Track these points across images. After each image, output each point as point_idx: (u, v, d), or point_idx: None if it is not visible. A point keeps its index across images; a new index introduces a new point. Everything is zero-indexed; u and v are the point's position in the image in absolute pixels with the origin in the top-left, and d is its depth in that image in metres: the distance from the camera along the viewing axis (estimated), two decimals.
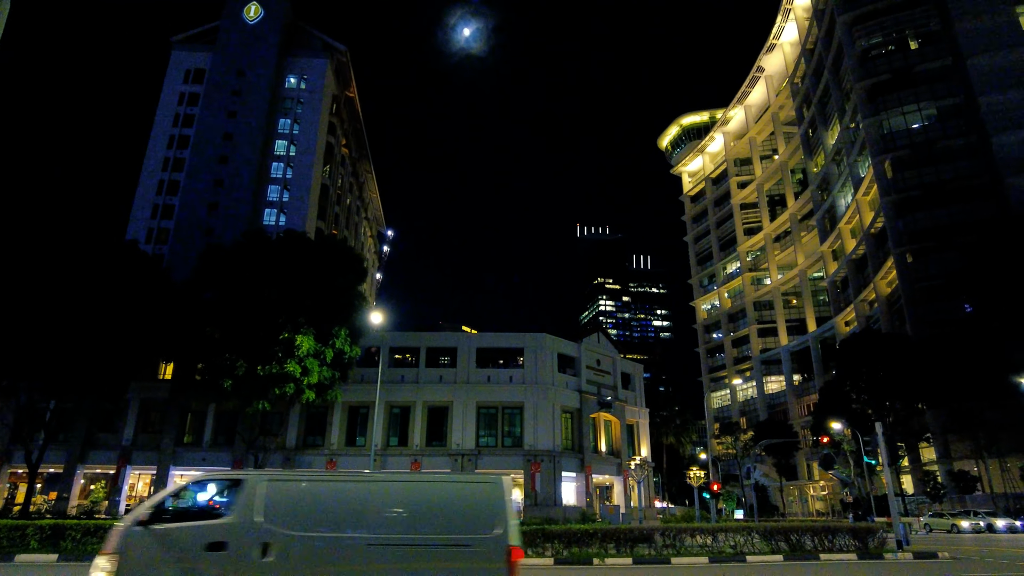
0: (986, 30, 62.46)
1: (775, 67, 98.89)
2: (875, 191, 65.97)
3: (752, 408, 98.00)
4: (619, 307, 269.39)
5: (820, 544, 19.42)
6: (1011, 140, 57.95)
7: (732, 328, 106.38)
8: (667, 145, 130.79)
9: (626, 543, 19.12)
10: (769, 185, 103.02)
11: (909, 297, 60.54)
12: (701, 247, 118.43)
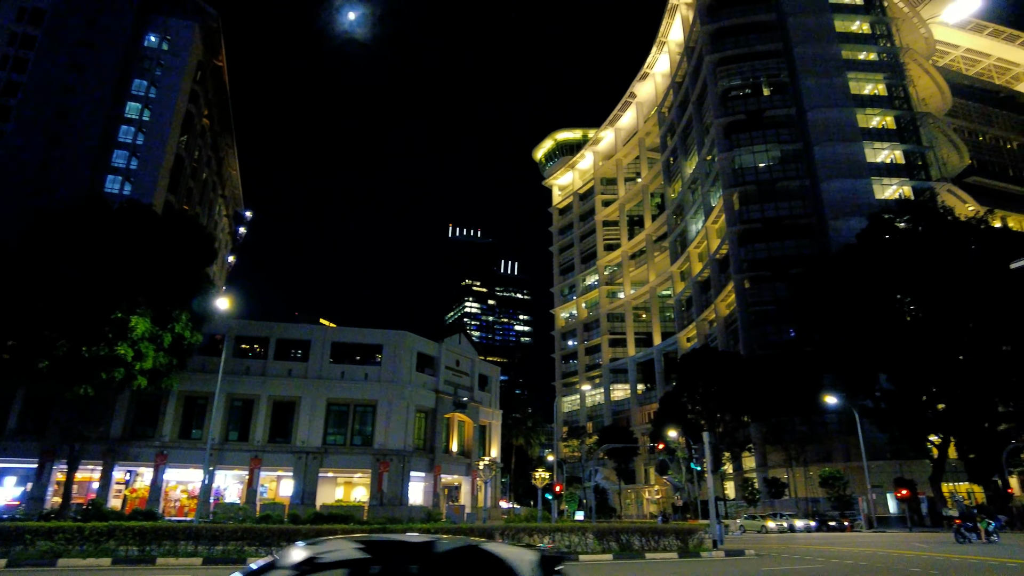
0: (823, 89, 70.40)
1: (646, 95, 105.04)
2: (723, 221, 71.96)
3: (599, 414, 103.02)
4: (484, 310, 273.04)
5: (647, 544, 20.72)
6: (836, 187, 65.66)
7: (586, 337, 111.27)
8: (541, 157, 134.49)
9: None
10: (630, 206, 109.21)
11: (744, 319, 66.56)
12: (565, 258, 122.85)
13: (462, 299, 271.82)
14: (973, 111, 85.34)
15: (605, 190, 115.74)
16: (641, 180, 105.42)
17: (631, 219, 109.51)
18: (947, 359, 44.65)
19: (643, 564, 18.92)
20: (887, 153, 69.17)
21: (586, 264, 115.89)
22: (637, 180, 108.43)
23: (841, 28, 74.53)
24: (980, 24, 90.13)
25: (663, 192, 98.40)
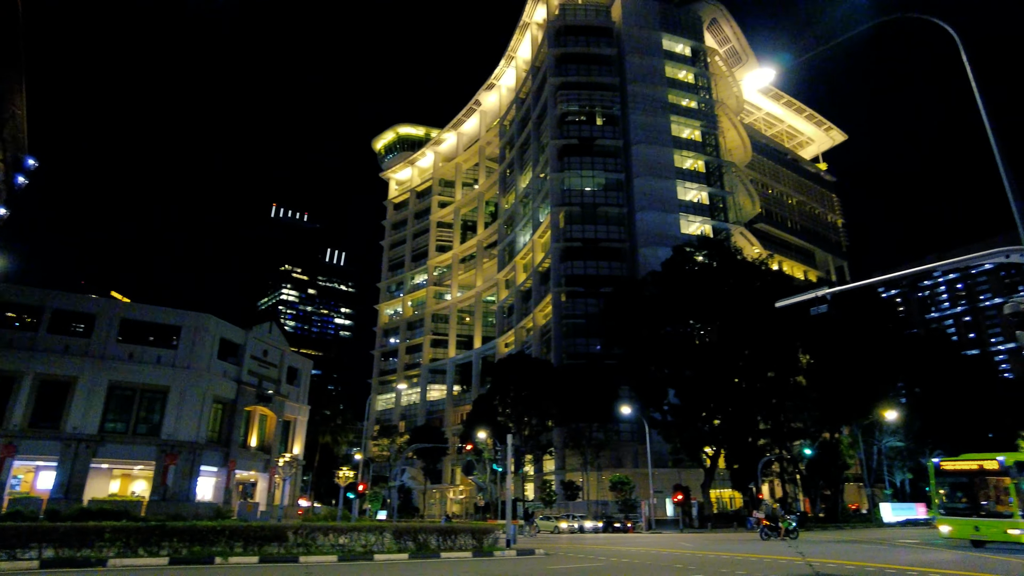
0: (649, 127, 76.86)
1: (491, 105, 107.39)
2: (548, 236, 75.52)
3: (413, 413, 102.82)
4: (303, 299, 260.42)
5: (443, 543, 21.00)
6: (649, 218, 71.87)
7: (409, 335, 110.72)
8: (381, 148, 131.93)
9: (255, 541, 18.17)
10: (465, 210, 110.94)
11: (558, 330, 70.28)
12: (396, 254, 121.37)
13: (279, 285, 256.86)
14: (766, 167, 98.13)
15: (443, 191, 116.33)
16: (478, 187, 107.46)
17: (465, 223, 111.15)
18: (725, 381, 50.71)
19: (438, 563, 19.11)
20: (695, 193, 77.07)
21: (416, 263, 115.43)
22: (475, 186, 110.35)
23: (670, 74, 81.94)
24: (779, 93, 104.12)
25: (497, 202, 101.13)
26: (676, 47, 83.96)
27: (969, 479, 22.78)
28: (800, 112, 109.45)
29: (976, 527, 21.66)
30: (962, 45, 10.13)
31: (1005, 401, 67.73)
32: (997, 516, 21.23)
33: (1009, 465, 20.79)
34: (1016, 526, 20.22)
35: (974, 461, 22.84)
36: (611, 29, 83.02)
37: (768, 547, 25.79)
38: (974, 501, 22.51)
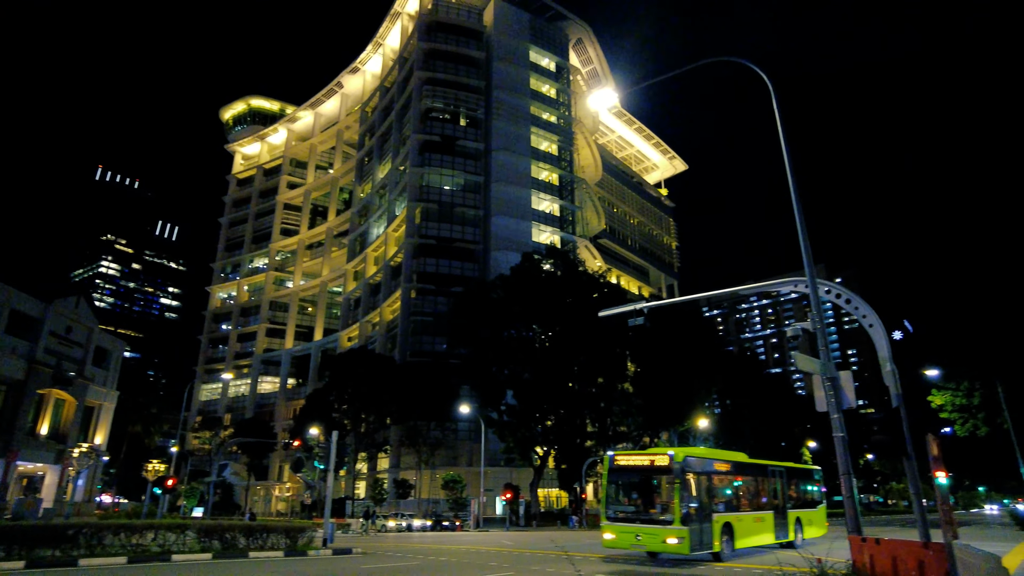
0: (510, 135, 78.44)
1: (354, 89, 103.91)
2: (403, 231, 74.41)
3: (241, 405, 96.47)
4: (126, 274, 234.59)
5: (253, 542, 19.70)
6: (503, 223, 73.28)
7: (243, 322, 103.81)
8: (230, 119, 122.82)
9: (24, 544, 15.80)
10: (317, 195, 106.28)
11: (405, 326, 69.38)
12: (235, 233, 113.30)
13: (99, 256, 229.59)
14: (614, 187, 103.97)
15: (294, 172, 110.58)
16: (333, 171, 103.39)
17: (315, 208, 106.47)
18: (561, 384, 52.89)
19: (244, 563, 17.86)
20: (548, 204, 79.79)
21: (258, 245, 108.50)
22: (329, 170, 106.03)
23: (534, 86, 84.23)
24: (631, 119, 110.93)
25: (352, 189, 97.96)
26: (542, 61, 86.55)
27: (641, 477, 19.37)
28: (649, 139, 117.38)
29: (637, 535, 18.18)
30: (773, 91, 11.27)
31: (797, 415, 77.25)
32: (658, 522, 17.90)
33: (679, 461, 17.75)
34: (674, 534, 17.14)
35: (646, 456, 19.34)
36: (481, 33, 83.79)
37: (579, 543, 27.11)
38: (642, 503, 19.14)
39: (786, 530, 23.35)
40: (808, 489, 27.67)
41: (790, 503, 24.46)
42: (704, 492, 18.84)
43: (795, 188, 11.05)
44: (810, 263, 10.49)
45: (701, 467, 19.02)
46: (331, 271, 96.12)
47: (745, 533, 20.39)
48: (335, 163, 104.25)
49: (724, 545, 18.95)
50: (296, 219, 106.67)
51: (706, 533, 18.20)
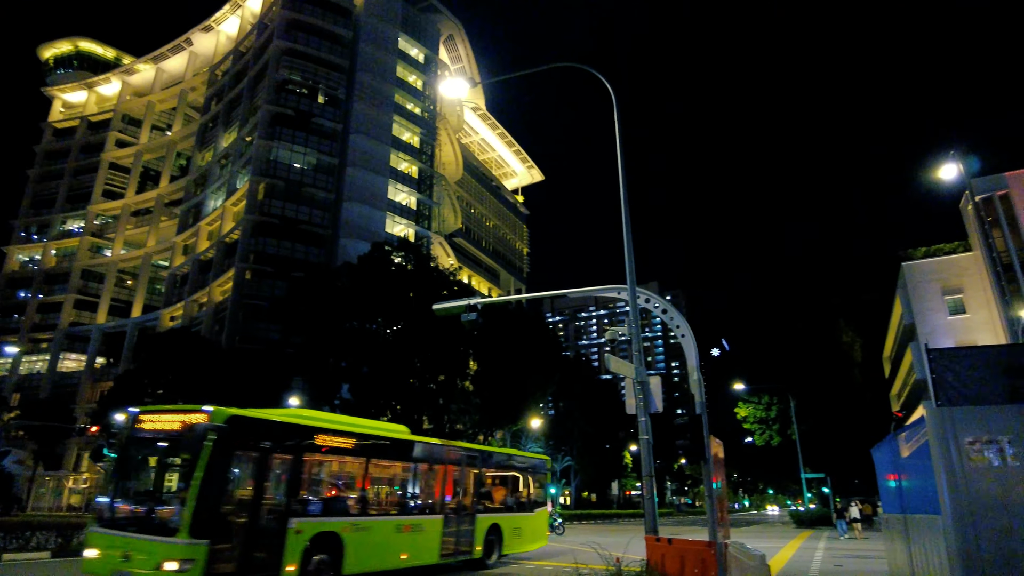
0: (371, 120, 76.12)
1: (205, 49, 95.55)
2: (244, 206, 69.46)
3: (35, 384, 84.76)
4: None
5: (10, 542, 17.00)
6: (356, 210, 70.88)
7: (47, 291, 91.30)
8: (50, 58, 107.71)
9: None
10: (150, 157, 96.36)
11: (236, 309, 64.72)
12: (46, 189, 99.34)
13: None
14: (473, 188, 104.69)
15: (126, 129, 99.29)
16: (172, 134, 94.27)
17: (147, 171, 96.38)
18: (401, 380, 51.92)
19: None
20: (405, 196, 78.40)
21: (74, 205, 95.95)
22: (167, 132, 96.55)
23: (401, 75, 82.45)
24: (495, 123, 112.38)
25: (191, 156, 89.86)
26: (411, 51, 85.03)
27: (161, 451, 11.82)
28: (510, 146, 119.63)
29: (126, 554, 10.21)
30: (615, 99, 11.60)
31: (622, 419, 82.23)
32: (157, 532, 10.31)
33: (219, 422, 10.77)
34: (178, 554, 9.76)
35: (177, 414, 11.67)
36: (351, 11, 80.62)
37: None
38: (147, 499, 11.51)
39: (470, 543, 17.05)
40: (523, 486, 20.92)
41: (482, 504, 18.13)
42: (274, 482, 12.09)
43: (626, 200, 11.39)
44: (632, 271, 10.84)
45: (270, 438, 12.04)
46: (158, 242, 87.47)
47: (371, 551, 13.51)
48: (175, 125, 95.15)
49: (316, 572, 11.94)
50: (123, 181, 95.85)
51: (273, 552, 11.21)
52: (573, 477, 78.46)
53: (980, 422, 5.79)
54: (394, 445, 15.61)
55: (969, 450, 5.76)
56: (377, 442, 14.88)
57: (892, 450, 8.65)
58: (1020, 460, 5.70)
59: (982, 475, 5.73)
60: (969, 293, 36.30)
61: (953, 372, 5.99)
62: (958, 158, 14.99)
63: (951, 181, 15.66)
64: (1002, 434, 5.70)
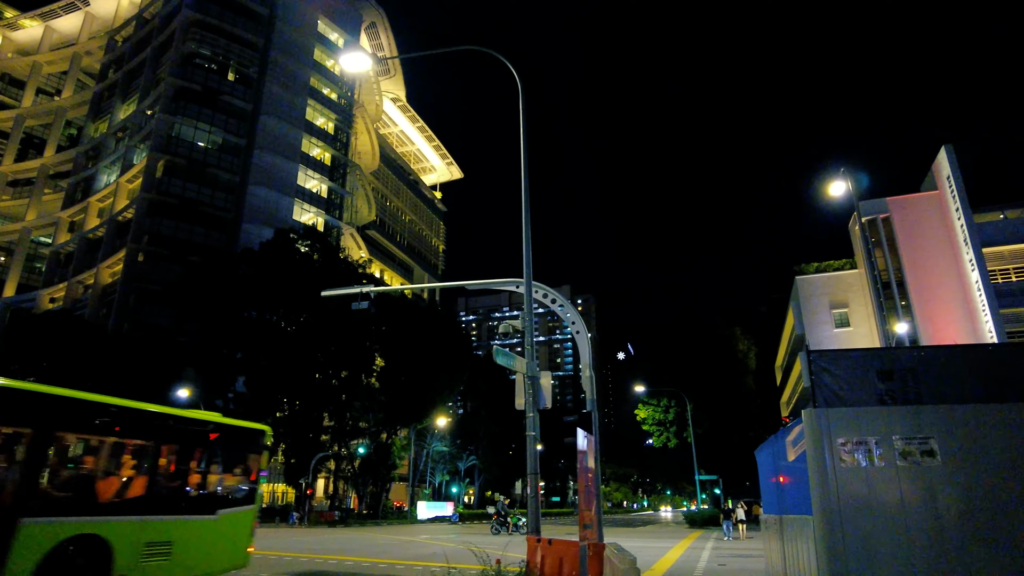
0: (284, 102, 73.03)
1: (105, 11, 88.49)
2: (140, 183, 64.92)
3: None
4: None
5: None
6: (262, 195, 67.76)
7: None
8: None
9: None
10: (34, 123, 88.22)
11: (125, 294, 60.37)
12: None
13: None
14: (390, 180, 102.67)
15: (7, 90, 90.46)
16: (60, 99, 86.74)
17: (29, 138, 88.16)
18: (303, 374, 49.95)
19: None
20: (316, 184, 75.73)
21: None
22: (56, 97, 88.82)
23: (318, 58, 79.63)
24: (415, 116, 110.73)
25: (83, 125, 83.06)
26: (331, 35, 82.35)
27: None
28: (430, 141, 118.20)
29: None
30: (520, 84, 11.36)
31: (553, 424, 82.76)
32: None
33: None
34: None
35: None
36: None
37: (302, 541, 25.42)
38: None
39: None
40: (196, 468, 12.57)
41: (44, 497, 9.37)
42: None
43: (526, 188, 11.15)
44: (528, 264, 10.60)
45: None
46: (39, 216, 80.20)
47: None
48: (65, 90, 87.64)
49: None
50: (1, 147, 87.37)
51: None
52: (477, 476, 78.32)
53: (852, 423, 5.92)
54: None
55: (840, 451, 5.87)
56: None
57: (773, 452, 8.85)
58: (886, 462, 5.85)
59: (851, 476, 5.84)
60: (853, 308, 38.92)
61: (831, 374, 6.11)
62: (847, 176, 15.87)
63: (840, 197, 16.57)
64: (870, 435, 5.84)
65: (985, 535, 5.51)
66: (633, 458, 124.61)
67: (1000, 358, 6.06)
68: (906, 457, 5.82)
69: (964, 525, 5.56)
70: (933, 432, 5.79)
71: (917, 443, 5.80)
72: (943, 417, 5.84)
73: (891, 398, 6.03)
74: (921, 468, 5.78)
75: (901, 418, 5.91)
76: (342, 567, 17.08)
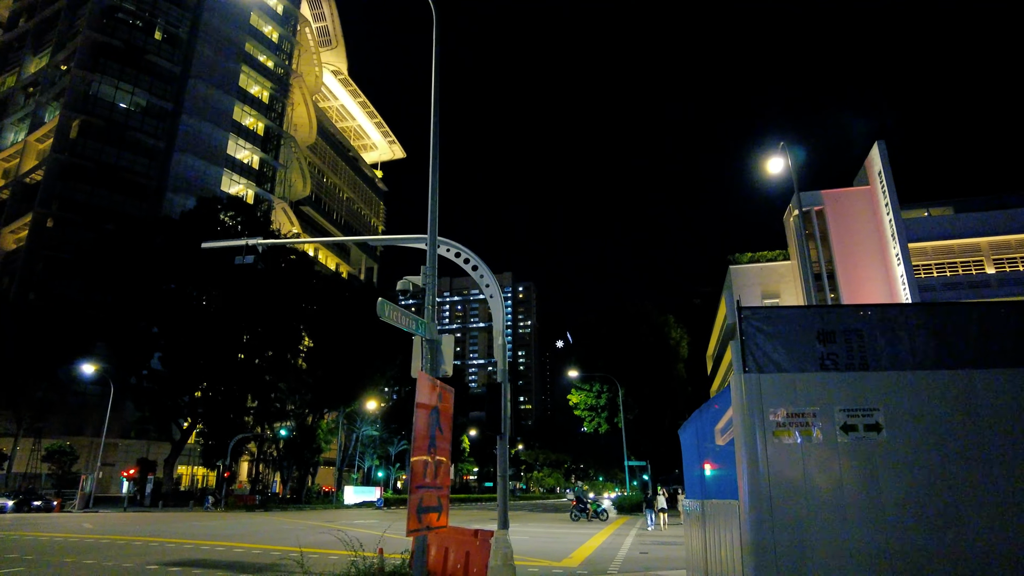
0: (216, 67, 69.05)
1: None
2: (51, 144, 60.18)
3: None
4: None
5: None
6: (188, 162, 64.02)
7: None
8: None
9: None
10: None
11: (31, 261, 56.00)
12: None
13: None
14: (328, 156, 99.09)
15: None
16: None
17: None
18: (225, 352, 47.36)
19: None
20: (247, 154, 72.18)
21: None
22: None
23: (255, 23, 75.71)
24: (357, 91, 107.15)
25: None
26: (269, 0, 78.41)
27: None
28: (372, 117, 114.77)
29: None
30: (436, 16, 10.24)
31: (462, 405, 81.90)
32: None
33: None
34: None
35: None
36: None
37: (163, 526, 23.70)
38: None
39: None
40: None
41: None
42: None
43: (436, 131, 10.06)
44: (434, 218, 9.54)
45: None
46: None
47: None
48: None
49: None
50: None
51: None
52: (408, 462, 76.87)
53: (787, 392, 5.10)
54: None
55: (773, 424, 5.06)
56: None
57: (697, 430, 8.07)
58: (825, 437, 5.06)
59: (785, 454, 5.04)
60: (785, 298, 39.51)
61: (765, 334, 5.27)
62: (786, 152, 15.46)
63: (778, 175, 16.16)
64: (809, 406, 5.05)
65: (930, 519, 4.81)
66: (567, 444, 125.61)
67: (957, 319, 5.34)
68: (848, 432, 5.06)
69: (906, 509, 4.85)
70: (879, 403, 5.09)
71: (861, 415, 5.06)
72: (891, 385, 5.13)
73: (833, 363, 5.26)
74: (864, 444, 5.04)
75: (844, 385, 5.16)
76: (211, 554, 15.67)
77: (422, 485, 6.87)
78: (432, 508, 7.08)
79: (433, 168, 9.66)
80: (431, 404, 7.12)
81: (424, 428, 6.91)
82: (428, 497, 6.98)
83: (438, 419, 7.31)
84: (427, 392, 7.13)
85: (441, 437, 7.40)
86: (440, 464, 7.18)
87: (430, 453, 6.99)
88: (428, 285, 9.29)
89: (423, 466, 6.90)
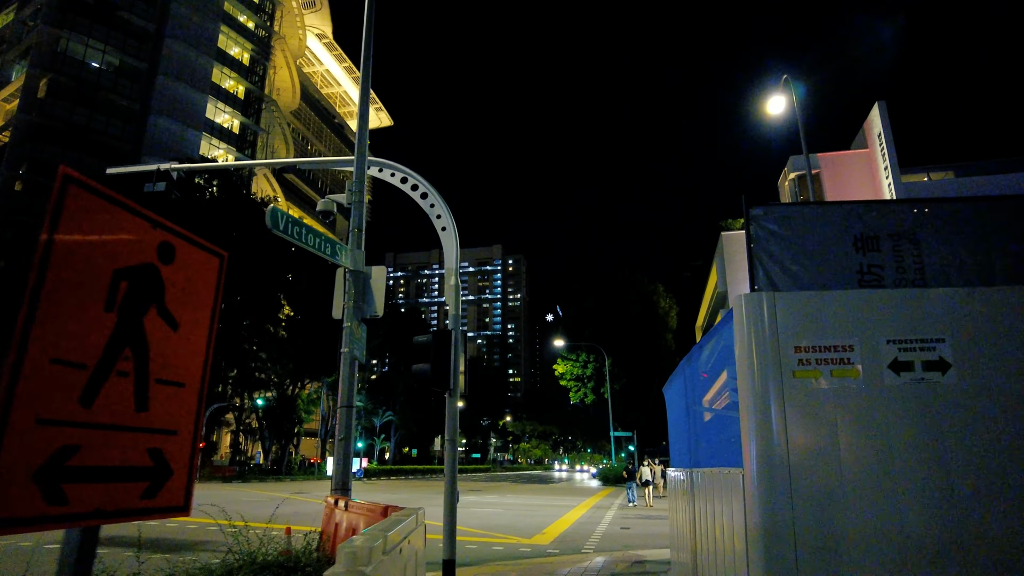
0: (193, 26, 66.25)
1: None
2: (17, 104, 57.67)
3: None
4: None
5: None
6: (165, 125, 61.66)
7: None
8: None
9: None
10: None
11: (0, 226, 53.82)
12: None
13: None
14: (312, 122, 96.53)
15: None
16: None
17: None
18: None
19: None
20: (227, 118, 69.80)
21: None
22: None
23: None
24: (342, 56, 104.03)
25: None
26: None
27: None
28: (359, 83, 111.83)
29: None
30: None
31: None
32: None
33: None
34: None
35: None
36: None
37: None
38: None
39: None
40: None
41: None
42: None
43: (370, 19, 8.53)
44: (364, 131, 8.27)
45: None
46: None
47: None
48: None
49: None
50: None
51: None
52: (394, 432, 76.11)
53: (812, 317, 3.59)
54: None
55: (793, 362, 3.65)
56: None
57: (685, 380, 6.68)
58: (867, 378, 3.63)
59: (809, 403, 3.62)
60: None
61: (781, 240, 3.87)
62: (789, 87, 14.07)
63: (779, 115, 14.79)
64: (844, 337, 3.61)
65: (1020, 498, 3.42)
66: (554, 416, 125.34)
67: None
68: (900, 372, 3.63)
69: (984, 481, 3.46)
70: (944, 332, 3.54)
71: (919, 348, 3.64)
72: (962, 306, 3.59)
73: (876, 278, 3.86)
74: (923, 388, 3.52)
75: (895, 308, 3.61)
76: (136, 528, 13.91)
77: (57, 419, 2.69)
78: (108, 470, 2.91)
79: (366, 59, 8.18)
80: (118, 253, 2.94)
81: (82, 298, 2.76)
82: (95, 448, 2.84)
83: (161, 293, 3.15)
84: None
85: (169, 331, 3.23)
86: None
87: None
88: (354, 205, 7.91)
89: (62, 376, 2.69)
